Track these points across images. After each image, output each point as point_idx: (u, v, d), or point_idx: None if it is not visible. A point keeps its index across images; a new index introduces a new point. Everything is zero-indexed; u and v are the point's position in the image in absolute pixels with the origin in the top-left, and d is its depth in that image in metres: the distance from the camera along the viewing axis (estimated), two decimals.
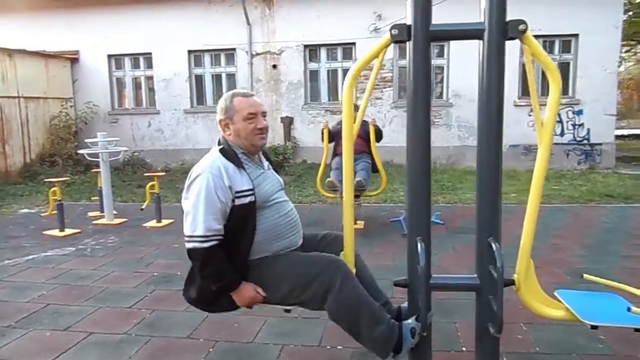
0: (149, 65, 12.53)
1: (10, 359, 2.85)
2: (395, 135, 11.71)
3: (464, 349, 2.84)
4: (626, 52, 19.83)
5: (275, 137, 12.00)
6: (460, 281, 2.32)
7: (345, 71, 12.02)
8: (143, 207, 6.63)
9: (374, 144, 5.89)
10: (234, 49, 12.13)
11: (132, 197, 8.60)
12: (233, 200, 2.15)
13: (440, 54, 11.59)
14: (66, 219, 6.20)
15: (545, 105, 2.11)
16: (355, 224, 5.91)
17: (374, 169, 6.07)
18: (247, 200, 2.17)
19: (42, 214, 6.85)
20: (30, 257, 4.99)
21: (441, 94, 11.78)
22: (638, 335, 2.77)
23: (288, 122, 12.00)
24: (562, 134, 11.25)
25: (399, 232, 5.50)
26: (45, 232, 5.99)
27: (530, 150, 11.10)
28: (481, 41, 2.11)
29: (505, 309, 2.81)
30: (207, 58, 12.39)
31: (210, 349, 2.91)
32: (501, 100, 2.15)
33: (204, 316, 3.36)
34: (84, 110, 12.37)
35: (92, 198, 8.04)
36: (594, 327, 2.10)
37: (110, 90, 12.68)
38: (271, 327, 3.15)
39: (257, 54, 12.06)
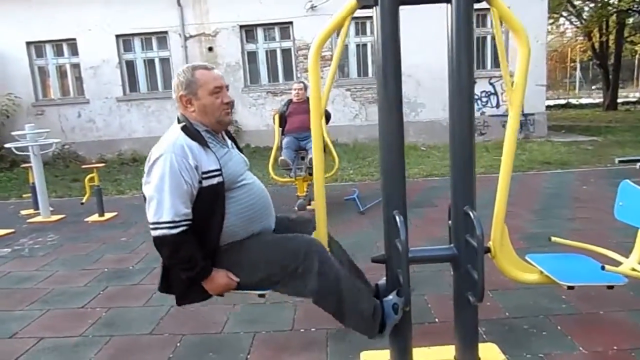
0: (74, 52, 11.76)
1: None
2: (337, 115, 11.70)
3: (436, 319, 2.86)
4: (550, 24, 20.85)
5: None
6: (437, 252, 2.29)
7: (284, 51, 11.84)
8: (83, 201, 6.22)
9: (323, 125, 5.79)
10: (165, 32, 11.60)
11: (68, 191, 8.07)
12: (200, 182, 1.98)
13: None
14: None
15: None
16: (309, 205, 5.89)
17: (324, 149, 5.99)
18: (215, 181, 2.01)
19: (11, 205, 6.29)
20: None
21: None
22: (597, 293, 2.93)
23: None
24: (497, 105, 11.65)
25: (355, 210, 5.49)
26: None
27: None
28: (449, 5, 2.05)
29: None
30: (137, 42, 11.78)
31: (178, 344, 2.75)
32: (471, 69, 2.10)
33: (165, 309, 3.19)
34: (5, 103, 11.45)
35: (24, 195, 7.48)
36: (570, 288, 2.15)
37: (32, 80, 11.81)
38: (239, 315, 3.03)
39: (191, 37, 11.60)
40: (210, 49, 11.62)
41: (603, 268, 2.04)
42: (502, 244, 2.24)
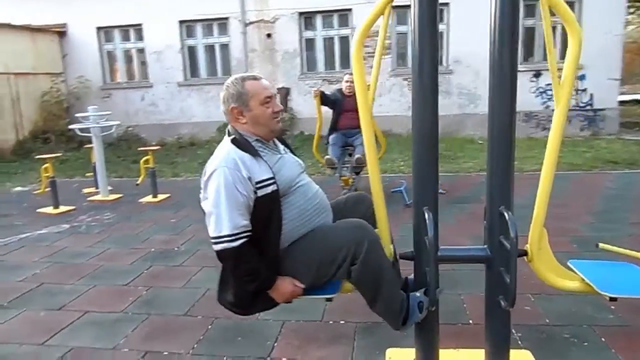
0: (140, 37, 12.20)
1: (6, 342, 2.75)
2: (393, 105, 11.55)
3: (470, 321, 2.76)
4: (631, 14, 19.43)
5: None
6: (469, 252, 2.20)
7: (342, 39, 11.75)
8: (138, 182, 6.49)
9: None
10: (226, 18, 11.78)
11: (128, 172, 8.45)
12: (255, 192, 1.97)
13: (440, 19, 11.28)
14: (60, 196, 6.07)
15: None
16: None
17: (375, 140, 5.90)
18: (269, 189, 1.99)
19: (35, 192, 6.71)
20: (24, 235, 4.88)
21: (440, 60, 11.50)
22: None
23: (284, 93, 11.75)
24: None
25: (401, 202, 5.39)
26: (39, 210, 5.87)
27: (531, 117, 10.94)
28: None
29: None
30: (199, 28, 12.06)
31: (209, 326, 2.82)
32: (515, 61, 1.99)
33: (202, 292, 3.28)
34: (76, 86, 12.10)
35: (87, 174, 7.89)
36: (612, 299, 2.00)
37: (101, 64, 12.36)
38: None
39: (251, 23, 11.72)
40: (268, 35, 11.71)
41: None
42: (540, 247, 2.11)
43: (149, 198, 6.21)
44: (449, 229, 4.46)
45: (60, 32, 12.17)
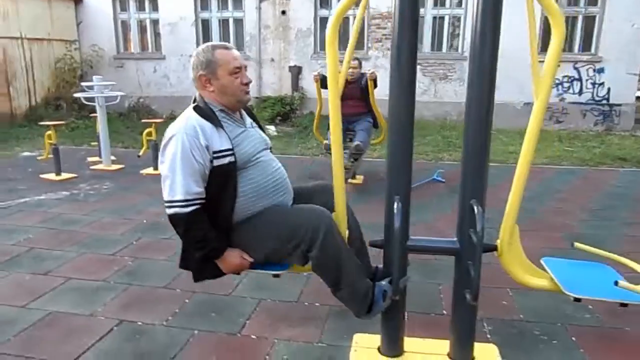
0: (155, 7, 12.16)
1: None
2: None
3: (444, 312, 2.76)
4: None
5: (282, 87, 11.73)
6: (439, 244, 2.19)
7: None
8: (140, 154, 6.54)
9: (373, 99, 5.62)
10: None
11: (134, 143, 8.50)
12: (211, 162, 1.99)
13: (460, 3, 11.06)
14: (65, 163, 6.16)
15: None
16: (354, 178, 5.83)
17: (376, 125, 5.86)
18: (226, 160, 2.01)
19: (39, 158, 6.81)
20: (23, 200, 4.96)
21: (456, 46, 11.30)
22: (631, 308, 2.68)
23: (296, 72, 11.67)
24: (580, 92, 10.80)
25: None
26: (42, 176, 5.96)
27: (548, 108, 10.73)
28: None
29: (492, 273, 2.74)
30: (214, 1, 11.96)
31: (186, 300, 2.86)
32: (495, 50, 1.95)
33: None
34: (89, 54, 12.15)
35: (92, 143, 7.97)
36: (577, 300, 1.98)
37: (115, 33, 12.37)
38: (251, 280, 3.08)
39: None
40: (283, 12, 11.59)
41: (616, 283, 1.86)
42: (511, 243, 2.09)
43: (149, 170, 6.26)
44: (444, 218, 4.44)
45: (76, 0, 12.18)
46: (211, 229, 2.02)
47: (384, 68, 11.32)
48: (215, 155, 1.99)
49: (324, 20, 11.70)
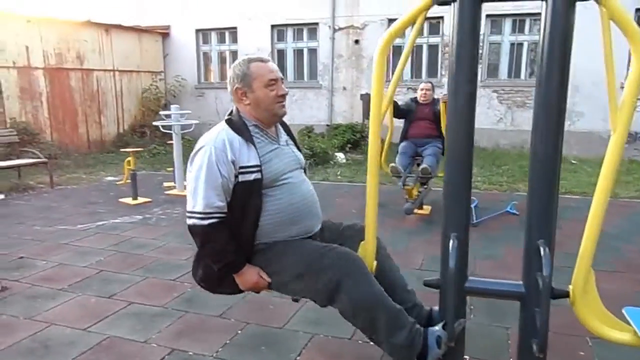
0: (234, 39, 12.72)
1: (53, 322, 2.94)
2: (480, 117, 10.99)
3: (511, 359, 2.51)
4: None
5: (354, 115, 11.75)
6: (502, 287, 1.99)
7: (430, 47, 11.44)
8: None
9: (445, 124, 5.42)
10: (316, 24, 11.94)
11: None
12: (236, 177, 1.97)
13: (538, 30, 10.60)
14: (142, 188, 6.46)
15: None
16: (421, 208, 5.62)
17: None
18: (251, 177, 1.98)
19: (118, 182, 7.21)
20: (101, 222, 5.24)
21: (533, 72, 10.78)
22: None
23: (367, 100, 11.52)
24: None
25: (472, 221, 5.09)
26: (120, 200, 6.29)
27: (636, 138, 9.92)
28: (544, 2, 1.74)
29: (568, 318, 2.45)
30: (289, 33, 12.33)
31: (239, 331, 2.82)
32: (565, 77, 1.79)
33: (241, 296, 3.27)
34: (173, 84, 12.89)
35: (168, 169, 8.34)
36: None
37: (197, 64, 13.07)
38: (306, 313, 2.99)
39: (340, 29, 11.77)
40: (356, 41, 11.70)
41: None
42: (586, 291, 1.86)
43: None
44: (514, 253, 4.11)
45: (164, 34, 13.04)
46: (230, 242, 1.98)
47: (440, 92, 11.05)
48: (241, 170, 1.97)
49: (397, 49, 11.65)
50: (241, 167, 1.97)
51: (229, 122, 2.06)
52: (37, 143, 9.20)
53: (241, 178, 1.97)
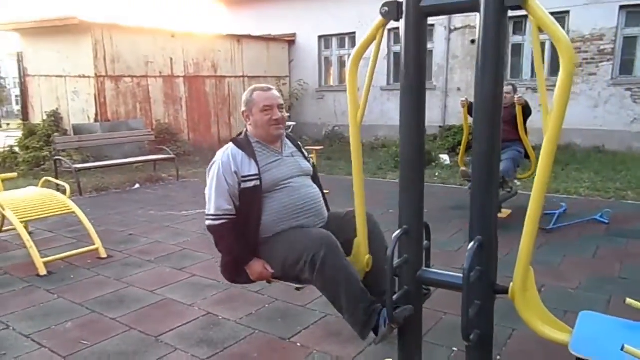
0: (353, 44, 13.22)
1: (132, 284, 3.68)
2: (610, 118, 10.05)
3: (498, 357, 2.57)
4: None
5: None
6: (448, 279, 2.12)
7: (553, 46, 10.70)
8: None
9: (522, 128, 5.29)
10: (432, 25, 11.90)
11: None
12: (239, 184, 2.38)
13: None
14: None
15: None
16: (500, 212, 5.51)
17: (528, 156, 5.49)
18: (251, 184, 2.38)
19: None
20: (201, 210, 6.02)
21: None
22: None
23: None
24: None
25: (544, 226, 4.90)
26: None
27: None
28: (478, 14, 1.89)
29: None
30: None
31: (267, 305, 3.26)
32: (499, 83, 1.90)
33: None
34: (296, 88, 13.82)
35: None
36: None
37: (318, 68, 13.83)
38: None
39: (456, 29, 11.61)
40: (472, 41, 11.41)
41: (622, 348, 1.59)
42: (526, 288, 1.94)
43: None
44: (576, 262, 3.97)
45: (290, 41, 14.04)
46: (238, 240, 2.39)
47: (584, 95, 10.20)
48: (243, 179, 2.37)
49: (515, 47, 11.15)
50: (243, 177, 2.39)
51: (235, 141, 2.50)
52: (175, 142, 10.67)
53: (244, 185, 2.39)
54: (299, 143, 2.72)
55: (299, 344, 2.76)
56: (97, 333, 2.92)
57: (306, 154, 2.70)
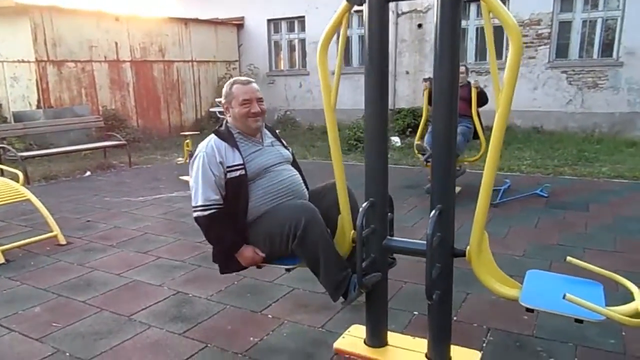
0: (302, 28, 13.27)
1: (97, 268, 3.69)
2: (547, 99, 10.67)
3: (455, 318, 2.81)
4: None
5: (416, 99, 11.84)
6: (411, 246, 2.31)
7: (497, 29, 11.15)
8: None
9: (474, 108, 5.62)
10: None
11: None
12: (225, 174, 2.45)
13: (615, 5, 10.01)
14: None
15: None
16: None
17: (476, 136, 5.81)
18: (237, 173, 2.45)
19: (178, 162, 8.10)
20: (158, 196, 6.05)
21: (610, 51, 10.20)
22: None
23: (430, 84, 11.68)
24: None
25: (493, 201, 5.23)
26: (180, 177, 7.09)
27: None
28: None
29: None
30: (355, 19, 12.61)
31: (235, 282, 3.37)
32: (456, 63, 2.07)
33: None
34: (246, 72, 13.73)
35: None
36: (529, 310, 1.97)
37: (268, 53, 13.79)
38: (294, 273, 3.42)
39: (403, 13, 11.88)
40: (419, 25, 11.75)
41: (564, 297, 1.82)
42: (480, 251, 2.15)
43: None
44: (520, 232, 4.29)
45: (238, 25, 13.90)
46: (228, 229, 2.46)
47: (524, 78, 10.75)
48: (228, 169, 2.44)
49: (481, 30, 11.55)
50: (228, 167, 2.45)
51: (217, 132, 2.55)
52: (124, 128, 10.42)
53: (229, 175, 2.45)
54: (277, 132, 2.81)
55: (270, 316, 2.89)
56: (67, 315, 2.93)
57: (285, 142, 2.80)
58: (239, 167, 2.46)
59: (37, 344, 2.63)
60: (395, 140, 9.86)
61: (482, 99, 5.73)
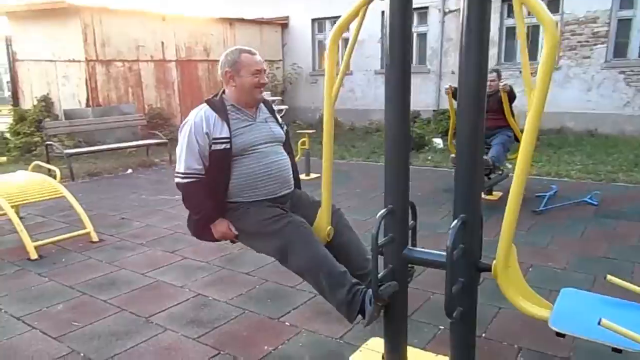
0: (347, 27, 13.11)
1: (123, 267, 3.70)
2: (603, 101, 10.07)
3: (483, 335, 2.62)
4: None
5: None
6: (432, 257, 2.15)
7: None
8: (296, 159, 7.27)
9: (509, 113, 5.33)
10: (426, 8, 11.83)
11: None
12: (210, 146, 2.38)
13: None
14: None
15: None
16: (490, 194, 5.57)
17: (517, 140, 5.51)
18: (222, 146, 2.38)
19: None
20: None
21: None
22: None
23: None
24: None
25: (531, 206, 4.94)
26: None
27: None
28: None
29: None
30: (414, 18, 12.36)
31: (257, 286, 3.31)
32: (483, 65, 1.91)
33: (271, 259, 3.74)
34: (290, 72, 13.74)
35: None
36: (559, 335, 1.77)
37: (312, 52, 13.74)
38: None
39: (450, 12, 11.55)
40: None
41: (599, 322, 1.62)
42: (508, 266, 1.96)
43: (302, 176, 6.92)
44: (565, 243, 4.00)
45: (283, 24, 13.92)
46: (205, 198, 2.41)
47: (578, 79, 10.20)
48: (214, 140, 2.37)
49: (510, 30, 11.11)
50: (214, 139, 2.38)
51: (209, 102, 2.47)
52: (168, 126, 10.62)
53: (214, 147, 2.39)
54: (274, 108, 2.70)
55: (287, 324, 2.79)
56: (88, 314, 2.94)
57: (280, 119, 2.69)
58: (225, 140, 2.38)
59: (55, 342, 2.64)
60: (438, 142, 9.56)
61: (512, 97, 5.40)
